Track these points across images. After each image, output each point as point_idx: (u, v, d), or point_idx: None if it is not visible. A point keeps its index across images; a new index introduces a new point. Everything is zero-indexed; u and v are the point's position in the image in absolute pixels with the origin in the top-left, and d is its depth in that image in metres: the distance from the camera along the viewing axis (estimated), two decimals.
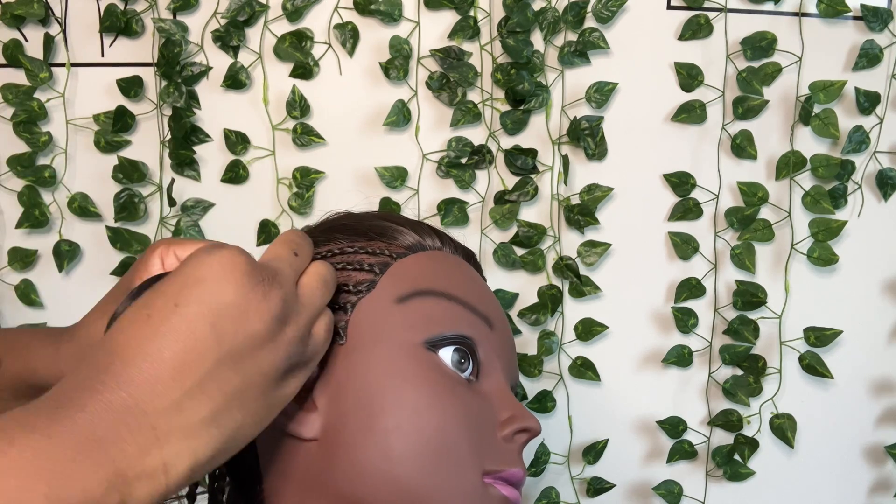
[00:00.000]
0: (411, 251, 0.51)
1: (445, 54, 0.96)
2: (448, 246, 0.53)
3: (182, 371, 0.35)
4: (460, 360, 0.48)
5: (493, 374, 0.50)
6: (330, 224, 0.54)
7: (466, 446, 0.45)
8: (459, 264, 0.53)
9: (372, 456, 0.44)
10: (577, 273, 0.98)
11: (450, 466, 0.44)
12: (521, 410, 0.49)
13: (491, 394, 0.49)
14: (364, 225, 0.52)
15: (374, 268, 0.49)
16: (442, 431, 0.44)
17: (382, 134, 0.99)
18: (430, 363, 0.46)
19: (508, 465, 0.47)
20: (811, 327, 0.96)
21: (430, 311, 0.48)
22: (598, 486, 1.00)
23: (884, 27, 0.94)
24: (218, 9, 0.98)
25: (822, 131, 0.95)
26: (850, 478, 1.01)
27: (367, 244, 0.50)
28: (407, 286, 0.48)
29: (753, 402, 0.99)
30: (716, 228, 0.98)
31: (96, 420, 0.33)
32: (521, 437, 0.48)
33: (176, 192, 1.00)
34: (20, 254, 1.02)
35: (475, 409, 0.47)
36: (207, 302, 0.36)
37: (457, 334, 0.48)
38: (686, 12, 0.96)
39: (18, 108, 1.00)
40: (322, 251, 0.50)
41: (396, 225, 0.52)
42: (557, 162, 0.97)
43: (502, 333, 0.52)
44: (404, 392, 0.45)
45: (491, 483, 0.46)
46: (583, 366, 0.99)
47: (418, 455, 0.44)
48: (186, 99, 0.98)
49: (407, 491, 0.43)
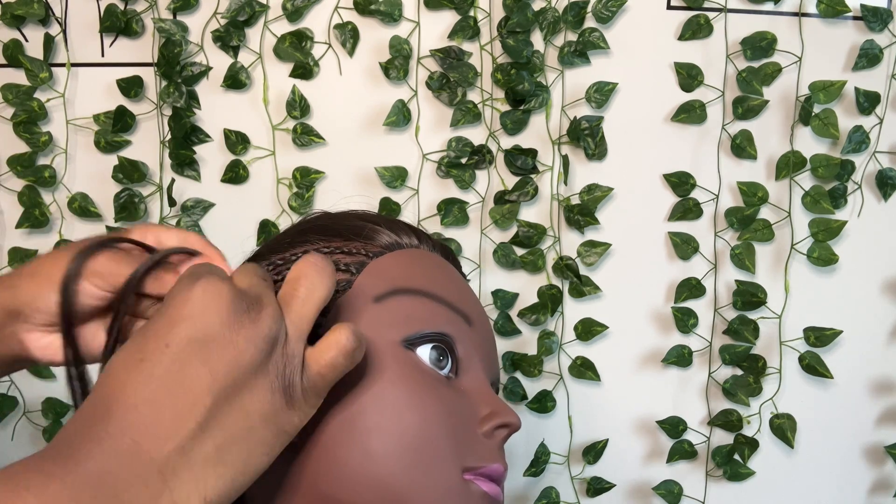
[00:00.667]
0: (388, 250, 0.51)
1: (445, 54, 0.96)
2: (426, 244, 0.54)
3: (181, 414, 0.35)
4: (438, 357, 0.48)
5: (473, 370, 0.50)
6: (306, 225, 0.54)
7: (446, 443, 0.45)
8: (437, 262, 0.53)
9: (352, 455, 0.44)
10: (577, 273, 0.98)
11: (430, 464, 0.44)
12: (500, 406, 0.49)
13: (470, 390, 0.49)
14: (340, 225, 0.52)
15: (350, 267, 0.49)
16: (422, 429, 0.45)
17: (382, 134, 0.99)
18: (409, 361, 0.46)
19: (489, 460, 0.47)
20: (811, 327, 0.97)
21: (408, 309, 0.48)
22: (598, 486, 1.00)
23: (884, 27, 0.94)
24: (218, 9, 0.98)
25: (822, 131, 0.95)
26: (850, 478, 1.01)
27: (343, 244, 0.51)
28: (384, 285, 0.48)
29: (753, 402, 0.99)
30: (716, 228, 0.98)
31: (106, 468, 0.33)
32: (500, 432, 0.49)
33: (176, 192, 1.00)
34: (20, 254, 1.02)
35: (455, 406, 0.47)
36: (197, 339, 0.36)
37: (434, 332, 0.48)
38: (686, 12, 0.96)
39: (18, 108, 1.00)
40: (298, 252, 0.50)
41: (373, 224, 0.52)
42: (557, 162, 0.97)
43: (481, 330, 0.52)
44: (383, 391, 0.45)
45: (472, 479, 0.46)
46: (583, 366, 0.99)
47: (399, 454, 0.44)
48: (186, 99, 0.98)
49: (388, 490, 0.44)
